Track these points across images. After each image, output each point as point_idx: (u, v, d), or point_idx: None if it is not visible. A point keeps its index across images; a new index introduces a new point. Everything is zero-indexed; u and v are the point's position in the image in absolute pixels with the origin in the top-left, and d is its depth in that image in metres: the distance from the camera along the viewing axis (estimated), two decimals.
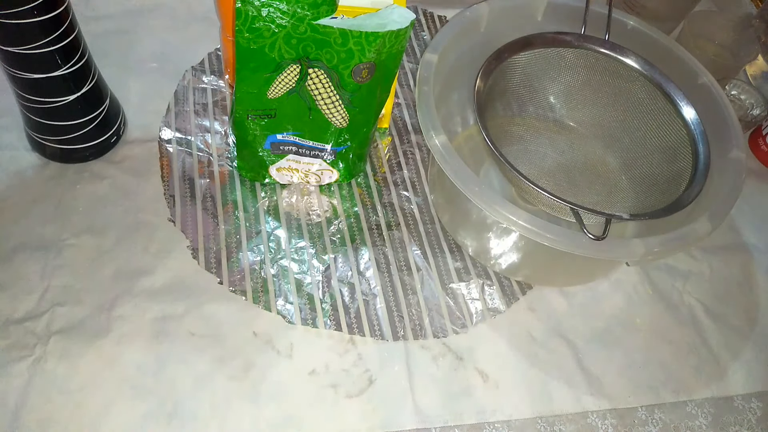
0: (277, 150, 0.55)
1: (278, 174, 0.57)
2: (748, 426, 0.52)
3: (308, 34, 0.45)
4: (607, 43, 0.58)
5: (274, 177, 0.57)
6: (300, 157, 0.56)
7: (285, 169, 0.57)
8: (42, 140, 0.56)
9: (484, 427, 0.49)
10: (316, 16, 0.44)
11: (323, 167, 0.57)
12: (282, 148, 0.55)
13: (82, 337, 0.48)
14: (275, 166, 0.56)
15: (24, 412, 0.45)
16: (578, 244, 0.45)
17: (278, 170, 0.56)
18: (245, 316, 0.51)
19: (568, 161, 0.62)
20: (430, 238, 0.58)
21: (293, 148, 0.55)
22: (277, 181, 0.58)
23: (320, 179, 0.58)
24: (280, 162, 0.56)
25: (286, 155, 0.56)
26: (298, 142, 0.54)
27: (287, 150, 0.55)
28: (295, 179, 0.58)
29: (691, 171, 0.53)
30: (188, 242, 0.54)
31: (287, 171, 0.57)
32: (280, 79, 0.48)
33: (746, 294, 0.60)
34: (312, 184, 0.59)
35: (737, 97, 0.72)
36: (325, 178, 0.58)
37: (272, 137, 0.54)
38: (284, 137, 0.54)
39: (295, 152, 0.55)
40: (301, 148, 0.55)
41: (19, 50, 0.47)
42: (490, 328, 0.54)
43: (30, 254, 0.52)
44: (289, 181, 0.58)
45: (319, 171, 0.57)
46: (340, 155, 0.56)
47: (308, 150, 0.55)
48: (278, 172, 0.57)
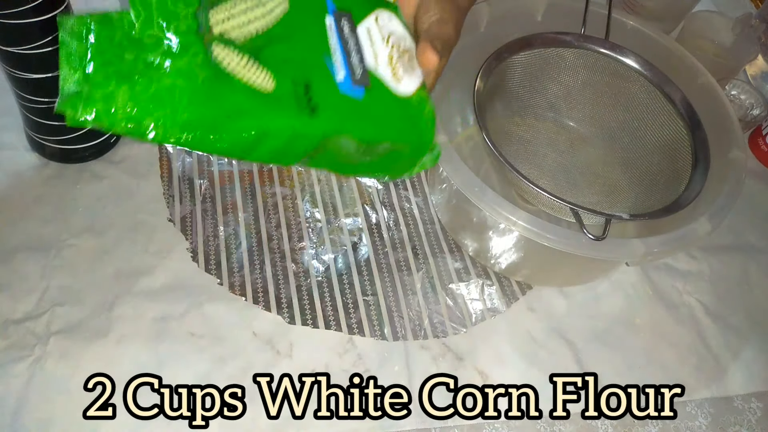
0: (361, 79, 0.40)
1: (402, 83, 0.41)
2: (748, 426, 0.52)
3: None
4: (607, 43, 0.58)
5: (412, 89, 0.41)
6: (362, 50, 0.41)
7: (393, 69, 0.41)
8: (42, 140, 0.56)
9: (484, 427, 0.49)
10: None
11: (373, 26, 0.42)
12: (357, 71, 0.40)
13: (82, 337, 0.48)
14: (388, 79, 0.41)
15: (24, 412, 0.45)
16: (578, 244, 0.45)
17: (396, 79, 0.41)
18: (245, 316, 0.51)
19: (568, 161, 0.62)
20: (430, 238, 0.58)
21: (354, 59, 0.40)
22: (420, 87, 0.42)
23: (399, 33, 0.43)
24: (383, 76, 0.40)
25: (365, 65, 0.40)
26: (340, 54, 0.40)
27: (358, 64, 0.40)
28: (404, 61, 0.42)
29: (691, 171, 0.53)
30: (188, 243, 0.54)
31: (394, 68, 0.41)
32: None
33: (746, 294, 0.60)
34: (407, 46, 0.43)
35: (737, 97, 0.72)
36: (391, 25, 0.43)
37: (342, 85, 0.38)
38: (337, 70, 0.39)
39: (357, 53, 0.40)
40: (348, 48, 0.40)
41: (19, 50, 0.47)
42: (490, 328, 0.54)
43: (30, 254, 0.52)
44: (410, 69, 0.42)
45: (383, 29, 0.42)
46: (341, 3, 0.42)
47: (345, 40, 0.40)
48: (399, 81, 0.41)
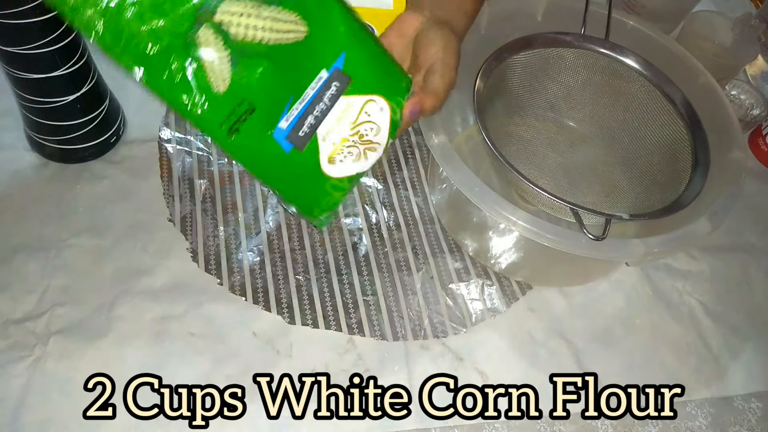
0: (300, 140, 0.40)
1: (337, 168, 0.42)
2: (747, 426, 0.52)
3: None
4: (607, 43, 0.58)
5: (338, 176, 0.42)
6: (327, 119, 0.40)
7: (335, 152, 0.41)
8: (41, 140, 0.56)
9: (484, 427, 0.49)
10: None
11: (358, 104, 0.41)
12: (302, 132, 0.40)
13: (82, 337, 0.48)
14: (322, 159, 0.41)
15: (24, 412, 0.45)
16: (578, 244, 0.45)
17: (331, 160, 0.41)
18: (245, 316, 0.51)
19: (568, 161, 0.62)
20: (430, 238, 0.58)
21: (310, 119, 0.40)
22: (347, 177, 0.43)
23: (377, 126, 0.42)
24: (322, 149, 0.41)
25: (315, 134, 0.40)
26: (303, 107, 0.39)
27: (308, 127, 0.40)
28: (357, 151, 0.42)
29: (691, 171, 0.53)
30: (188, 243, 0.54)
31: (339, 152, 0.41)
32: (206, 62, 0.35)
33: (746, 294, 0.60)
34: (378, 142, 0.43)
35: (737, 97, 0.72)
36: (378, 118, 0.42)
37: (278, 132, 0.39)
38: (288, 116, 0.39)
39: (317, 120, 0.40)
40: (312, 109, 0.40)
41: (19, 50, 0.47)
42: (490, 328, 0.54)
43: (30, 254, 0.52)
44: (355, 162, 0.42)
45: (363, 115, 0.41)
46: (351, 71, 0.40)
47: (319, 101, 0.40)
48: (333, 164, 0.42)
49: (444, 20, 0.45)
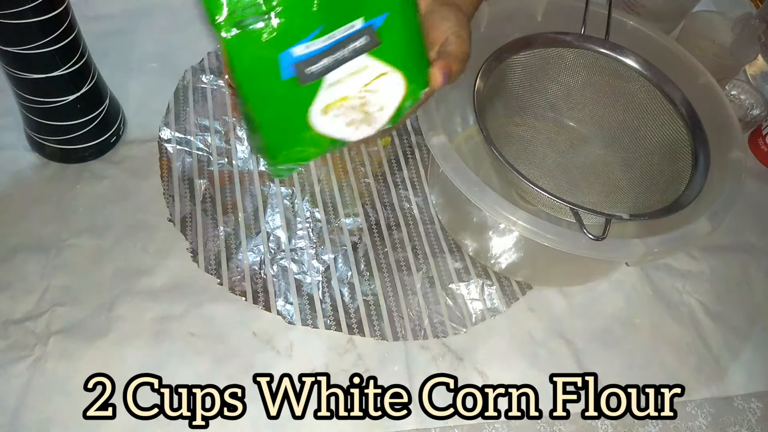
0: (306, 75, 0.36)
1: (327, 122, 0.38)
2: (748, 426, 0.52)
3: None
4: (607, 43, 0.58)
5: (322, 131, 0.38)
6: (341, 70, 0.37)
7: (334, 106, 0.38)
8: (42, 140, 0.56)
9: (484, 427, 0.49)
10: None
11: (376, 70, 0.38)
12: (311, 70, 0.36)
13: (82, 337, 0.48)
14: (317, 105, 0.38)
15: (24, 412, 0.45)
16: (578, 244, 0.45)
17: (325, 111, 0.38)
18: (245, 316, 0.51)
19: (568, 161, 0.62)
20: (430, 238, 0.58)
21: (326, 60, 0.36)
22: (330, 139, 0.39)
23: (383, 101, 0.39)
24: (320, 96, 0.37)
25: (323, 78, 0.37)
26: (326, 45, 0.36)
27: (320, 68, 0.37)
28: (353, 117, 0.39)
29: (691, 171, 0.53)
30: (188, 243, 0.54)
31: (338, 107, 0.38)
32: None
33: (746, 294, 0.60)
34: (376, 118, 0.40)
35: (737, 97, 0.72)
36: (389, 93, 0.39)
37: (287, 56, 0.35)
38: (305, 47, 0.36)
39: (331, 64, 0.37)
40: (333, 52, 0.37)
41: (19, 50, 0.47)
42: (490, 328, 0.54)
43: (30, 254, 0.52)
44: (346, 126, 0.39)
45: (374, 84, 0.38)
46: (385, 35, 0.38)
47: (343, 47, 0.37)
48: (325, 116, 0.38)
49: (451, 2, 0.44)
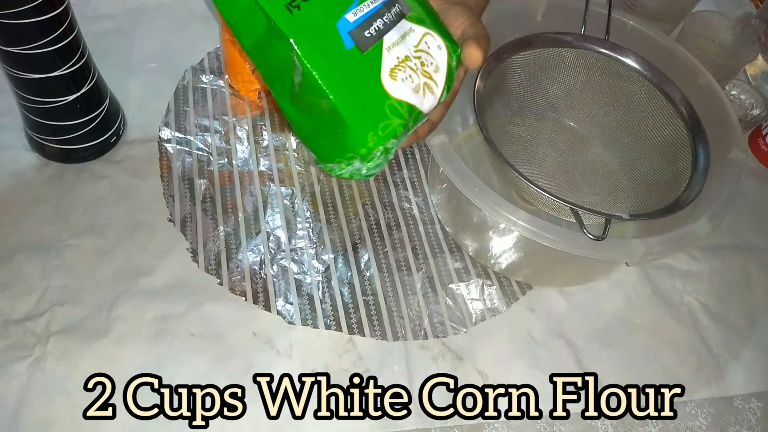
0: (365, 40, 0.36)
1: (398, 86, 0.37)
2: (748, 426, 0.52)
3: None
4: (607, 43, 0.58)
5: (398, 97, 0.37)
6: (393, 31, 0.37)
7: (399, 68, 0.37)
8: (42, 140, 0.56)
9: (484, 427, 0.49)
10: None
11: (418, 33, 0.38)
12: (369, 33, 0.36)
13: (81, 337, 0.48)
14: (385, 70, 0.37)
15: (24, 412, 0.45)
16: (578, 244, 0.45)
17: (393, 75, 0.37)
18: (245, 317, 0.51)
19: (568, 161, 0.62)
20: (430, 238, 0.58)
21: (379, 22, 0.36)
22: (408, 105, 0.38)
23: (435, 62, 0.39)
24: (385, 60, 0.37)
25: (381, 41, 0.36)
26: (375, 6, 0.36)
27: (376, 31, 0.36)
28: (417, 80, 0.38)
29: (691, 171, 0.53)
30: (188, 243, 0.54)
31: (402, 69, 0.37)
32: None
33: (746, 294, 0.60)
34: (436, 81, 0.39)
35: (737, 97, 0.72)
36: (437, 54, 0.39)
37: (344, 23, 0.35)
38: (357, 12, 0.36)
39: (384, 26, 0.37)
40: (382, 15, 0.36)
41: (19, 50, 0.47)
42: (490, 328, 0.54)
43: (30, 254, 0.52)
44: (413, 91, 0.38)
45: (423, 44, 0.38)
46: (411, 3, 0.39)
47: (388, 9, 0.37)
48: (395, 80, 0.37)
49: (460, 2, 0.44)
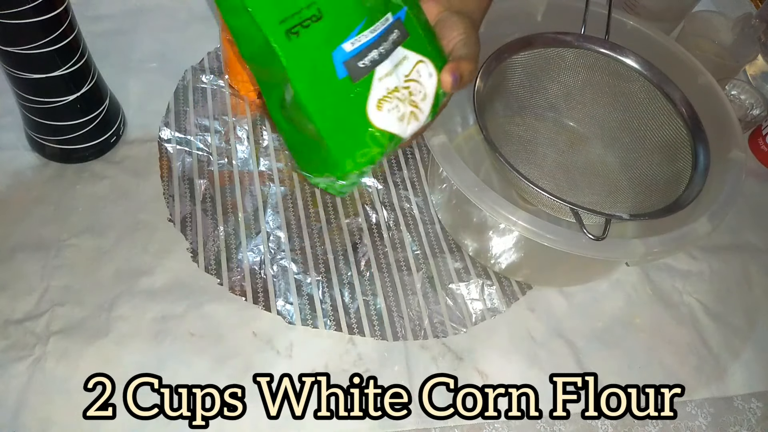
0: (359, 70, 0.37)
1: (383, 117, 0.39)
2: (748, 426, 0.52)
3: None
4: (607, 43, 0.58)
5: (381, 126, 0.39)
6: (387, 62, 0.38)
7: (386, 99, 0.39)
8: (42, 140, 0.56)
9: (484, 427, 0.49)
10: None
11: (412, 60, 0.40)
12: (363, 63, 0.37)
13: (81, 337, 0.48)
14: (372, 101, 0.38)
15: (24, 412, 0.45)
16: (578, 244, 0.45)
17: (379, 106, 0.38)
18: (245, 316, 0.51)
19: (568, 161, 0.62)
20: (430, 238, 0.58)
21: (373, 53, 0.38)
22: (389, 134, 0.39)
23: (424, 90, 0.40)
24: (374, 90, 0.38)
25: (374, 70, 0.38)
26: (373, 38, 0.38)
27: (369, 61, 0.38)
28: (403, 109, 0.39)
29: (691, 171, 0.53)
30: (188, 243, 0.54)
31: (389, 100, 0.39)
32: None
33: (746, 294, 0.60)
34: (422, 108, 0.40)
35: (737, 97, 0.72)
36: (427, 82, 0.40)
37: (340, 53, 0.37)
38: (355, 42, 0.37)
39: (379, 57, 0.38)
40: (378, 45, 0.38)
41: (19, 50, 0.47)
42: (490, 328, 0.54)
43: (30, 254, 0.52)
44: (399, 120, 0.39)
45: (414, 73, 0.40)
46: (409, 27, 0.40)
47: (385, 39, 0.38)
48: (380, 110, 0.38)
49: (462, 11, 0.45)
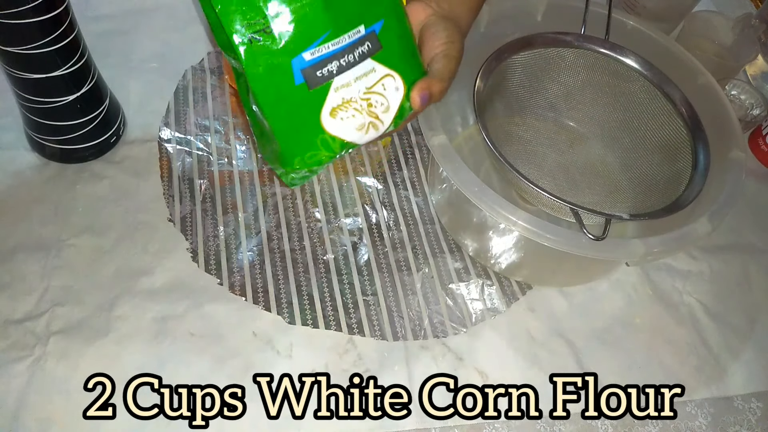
0: (316, 78, 0.39)
1: (336, 124, 0.40)
2: (747, 426, 0.52)
3: None
4: (607, 43, 0.58)
5: (333, 133, 0.40)
6: (347, 74, 0.39)
7: (341, 108, 0.40)
8: (42, 140, 0.56)
9: (484, 427, 0.49)
10: None
11: (379, 73, 0.41)
12: (321, 73, 0.39)
13: (81, 337, 0.48)
14: (326, 108, 0.40)
15: (24, 412, 0.45)
16: (578, 244, 0.45)
17: (333, 114, 0.40)
18: (245, 316, 0.51)
19: (568, 161, 0.62)
20: (430, 238, 0.58)
21: (334, 64, 0.39)
22: (341, 141, 0.41)
23: (387, 103, 0.41)
24: (330, 99, 0.39)
25: (331, 82, 0.39)
26: (335, 49, 0.39)
27: (328, 72, 0.39)
28: (361, 119, 0.41)
29: (691, 171, 0.53)
30: (188, 243, 0.54)
31: (344, 109, 0.40)
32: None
33: (746, 294, 0.60)
34: (382, 120, 0.42)
35: (737, 97, 0.72)
36: (392, 96, 0.41)
37: (299, 61, 0.38)
38: (315, 52, 0.38)
39: (339, 69, 0.39)
40: (340, 57, 0.39)
41: (19, 50, 0.47)
42: (490, 328, 0.54)
43: (30, 254, 0.52)
44: (356, 129, 0.41)
45: (379, 86, 0.41)
46: (384, 40, 0.41)
47: (350, 52, 0.39)
48: (334, 118, 0.40)
49: (450, 15, 0.45)
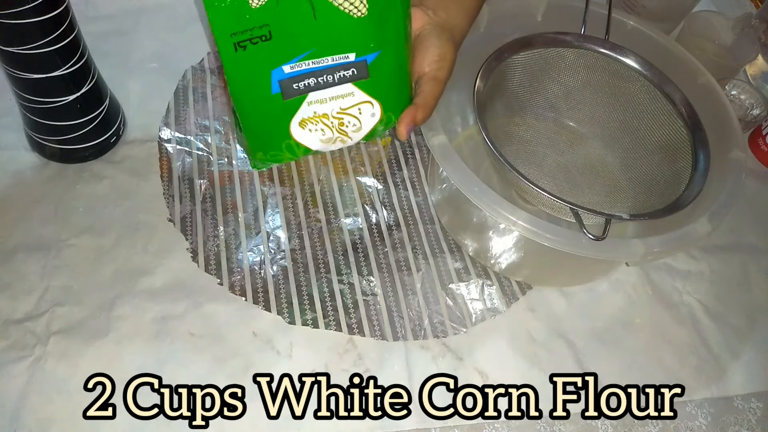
0: (291, 90, 0.41)
1: (304, 134, 0.43)
2: (747, 426, 0.52)
3: None
4: (607, 43, 0.58)
5: (299, 140, 0.43)
6: (324, 92, 0.41)
7: (311, 120, 0.42)
8: (42, 140, 0.56)
9: (484, 427, 0.49)
10: None
11: (358, 99, 0.42)
12: (297, 86, 0.41)
13: (81, 337, 0.48)
14: (296, 118, 0.42)
15: (24, 412, 0.45)
16: (578, 244, 0.45)
17: (302, 124, 0.42)
18: (245, 316, 0.51)
19: (568, 161, 0.62)
20: (430, 238, 0.58)
21: (311, 80, 0.41)
22: (305, 147, 0.44)
23: (360, 125, 0.44)
24: (302, 110, 0.42)
25: (306, 96, 0.41)
26: (315, 67, 0.40)
27: (304, 86, 0.41)
28: (329, 134, 0.43)
29: (691, 171, 0.53)
30: (188, 243, 0.54)
31: (314, 122, 0.42)
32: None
33: (746, 294, 0.60)
34: (351, 137, 0.44)
35: (737, 97, 0.72)
36: (366, 120, 0.43)
37: (278, 72, 0.40)
38: (294, 66, 0.40)
39: (315, 85, 0.41)
40: (319, 75, 0.41)
41: (19, 50, 0.47)
42: (490, 328, 0.54)
43: (30, 254, 0.52)
44: (322, 141, 0.44)
45: (355, 109, 0.43)
46: (374, 71, 0.42)
47: (331, 73, 0.41)
48: (303, 128, 0.43)
49: (446, 25, 0.45)
